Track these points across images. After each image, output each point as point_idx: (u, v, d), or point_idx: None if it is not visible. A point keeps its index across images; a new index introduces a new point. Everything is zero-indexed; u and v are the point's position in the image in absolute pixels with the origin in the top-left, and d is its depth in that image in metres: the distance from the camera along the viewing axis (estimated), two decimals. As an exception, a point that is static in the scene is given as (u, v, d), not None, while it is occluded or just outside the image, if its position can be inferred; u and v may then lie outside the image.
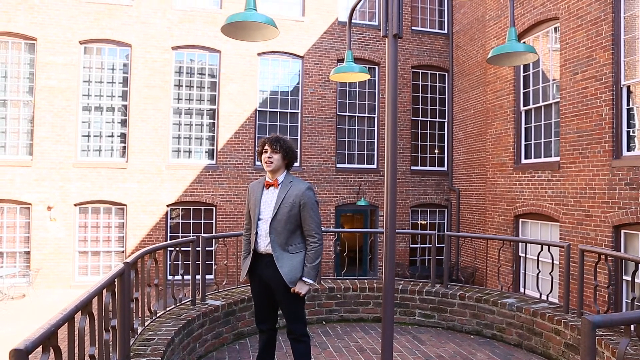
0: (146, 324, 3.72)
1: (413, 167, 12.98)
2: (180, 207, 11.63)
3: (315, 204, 3.20)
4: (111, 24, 11.16)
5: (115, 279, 2.85)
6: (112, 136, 11.44)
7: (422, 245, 12.65)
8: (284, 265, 3.10)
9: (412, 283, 5.54)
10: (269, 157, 3.16)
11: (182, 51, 11.71)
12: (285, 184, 3.20)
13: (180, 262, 4.63)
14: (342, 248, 7.06)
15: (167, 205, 11.43)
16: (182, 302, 4.43)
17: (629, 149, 6.89)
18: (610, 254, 4.41)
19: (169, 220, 11.52)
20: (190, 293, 4.46)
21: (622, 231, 6.81)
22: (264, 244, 3.16)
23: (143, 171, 11.28)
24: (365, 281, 5.56)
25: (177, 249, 4.47)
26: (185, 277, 4.54)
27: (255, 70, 11.98)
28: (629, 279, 5.62)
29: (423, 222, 13.04)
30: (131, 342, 3.23)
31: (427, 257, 12.68)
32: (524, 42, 8.89)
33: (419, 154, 13.18)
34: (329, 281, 5.59)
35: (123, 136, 11.40)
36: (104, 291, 2.64)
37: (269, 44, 11.83)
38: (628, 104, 6.93)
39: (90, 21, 11.06)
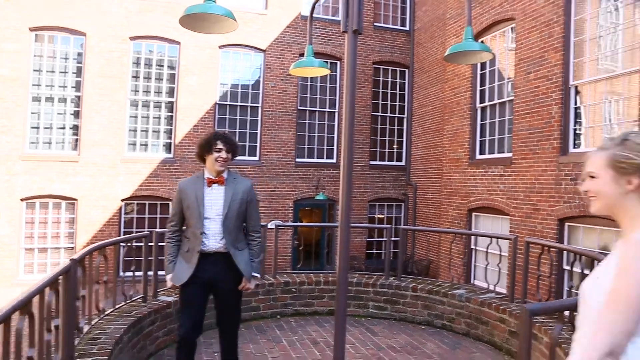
0: (93, 322, 3.63)
1: (372, 162, 13.13)
2: (136, 202, 11.35)
3: (257, 200, 3.31)
4: (64, 12, 10.71)
5: (60, 277, 2.77)
6: (64, 128, 11.01)
7: (378, 239, 12.84)
8: (240, 261, 3.12)
9: (366, 276, 5.64)
10: (224, 158, 3.10)
11: (140, 42, 11.39)
12: (231, 181, 3.18)
13: (133, 258, 4.55)
14: (300, 242, 7.11)
15: (122, 200, 11.14)
16: (133, 299, 4.35)
17: (574, 145, 7.22)
18: (553, 246, 4.63)
19: (123, 216, 11.22)
20: (142, 290, 4.39)
21: (566, 224, 7.13)
22: (214, 243, 3.08)
23: (96, 164, 10.92)
24: (321, 275, 5.61)
25: (129, 244, 4.39)
26: (138, 273, 4.46)
27: (216, 63, 11.80)
28: (570, 268, 5.90)
29: (381, 215, 13.23)
30: (76, 342, 3.15)
31: (383, 251, 12.90)
32: (482, 41, 9.15)
33: (378, 149, 13.34)
34: (285, 275, 5.61)
35: (75, 128, 10.99)
36: (47, 289, 2.57)
37: (230, 37, 11.66)
38: (575, 103, 7.25)
39: (42, 8, 10.58)
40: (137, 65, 11.39)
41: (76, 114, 10.99)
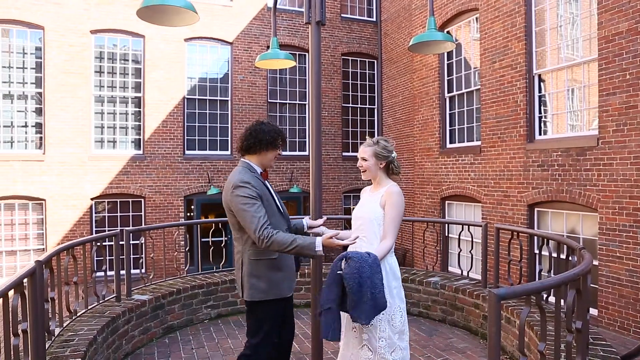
0: (65, 324, 3.53)
1: (344, 153, 13.18)
2: (106, 200, 11.08)
3: None
4: (18, 3, 10.27)
5: (25, 279, 2.67)
6: (26, 126, 10.60)
7: (355, 230, 12.89)
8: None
9: (343, 267, 5.66)
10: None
11: (102, 35, 11.04)
12: None
13: (105, 258, 4.44)
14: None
15: (92, 199, 10.85)
16: (106, 299, 4.25)
17: (540, 133, 7.40)
18: (521, 231, 4.74)
19: (94, 214, 10.94)
20: (115, 289, 4.28)
21: (536, 209, 7.33)
22: None
23: (63, 163, 10.59)
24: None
25: (99, 243, 4.27)
26: (110, 272, 4.35)
27: (182, 56, 11.57)
28: (539, 252, 6.05)
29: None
30: (47, 345, 3.06)
31: (360, 241, 12.95)
32: (447, 32, 9.26)
33: (350, 140, 13.39)
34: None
35: (39, 126, 10.61)
36: (11, 293, 2.47)
37: (195, 29, 11.44)
38: (540, 91, 7.42)
39: (-5, 0, 10.12)
40: (100, 60, 11.06)
41: (39, 112, 10.60)
